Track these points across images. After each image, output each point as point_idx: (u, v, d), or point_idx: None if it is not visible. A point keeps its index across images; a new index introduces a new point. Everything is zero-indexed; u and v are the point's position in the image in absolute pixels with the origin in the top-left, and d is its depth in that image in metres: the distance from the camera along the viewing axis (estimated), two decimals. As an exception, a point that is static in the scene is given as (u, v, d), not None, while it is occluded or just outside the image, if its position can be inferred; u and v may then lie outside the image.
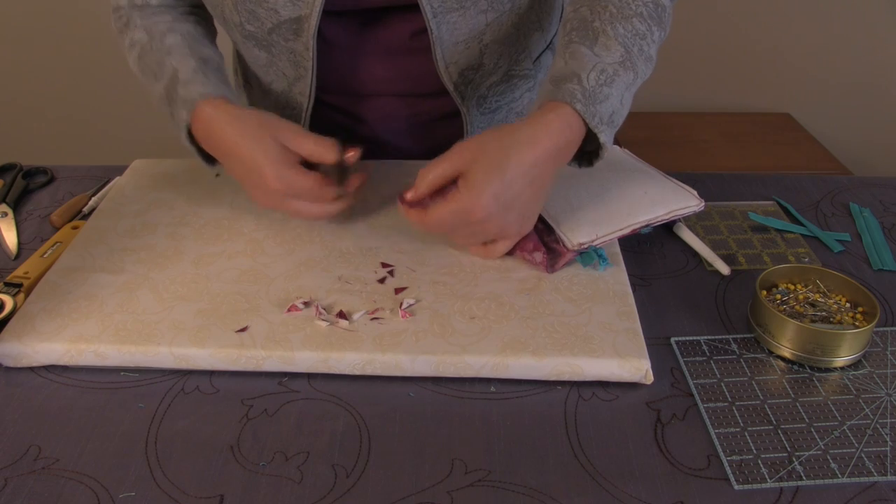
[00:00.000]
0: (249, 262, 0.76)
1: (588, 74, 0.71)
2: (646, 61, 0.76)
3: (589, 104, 0.70)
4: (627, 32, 0.74)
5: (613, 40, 0.73)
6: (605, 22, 0.74)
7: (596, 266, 0.75)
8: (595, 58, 0.72)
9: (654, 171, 0.85)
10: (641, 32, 0.75)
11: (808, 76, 2.09)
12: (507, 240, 0.74)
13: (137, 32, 0.85)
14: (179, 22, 0.86)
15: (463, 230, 0.72)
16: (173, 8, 0.88)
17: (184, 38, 0.83)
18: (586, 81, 0.70)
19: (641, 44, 0.75)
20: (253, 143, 0.74)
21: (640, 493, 0.56)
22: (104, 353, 0.66)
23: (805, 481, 0.56)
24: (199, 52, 0.82)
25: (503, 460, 0.58)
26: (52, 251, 0.79)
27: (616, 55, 0.72)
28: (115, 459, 0.59)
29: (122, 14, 0.88)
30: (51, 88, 2.18)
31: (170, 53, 0.81)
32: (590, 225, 0.76)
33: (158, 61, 0.81)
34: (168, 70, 0.80)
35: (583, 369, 0.64)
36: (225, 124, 0.75)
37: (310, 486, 0.56)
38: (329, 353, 0.65)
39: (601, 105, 0.70)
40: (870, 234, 0.84)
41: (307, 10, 0.78)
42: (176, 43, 0.82)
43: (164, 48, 0.82)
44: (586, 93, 0.70)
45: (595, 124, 0.70)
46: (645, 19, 0.75)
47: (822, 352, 0.66)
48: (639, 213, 0.78)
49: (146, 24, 0.85)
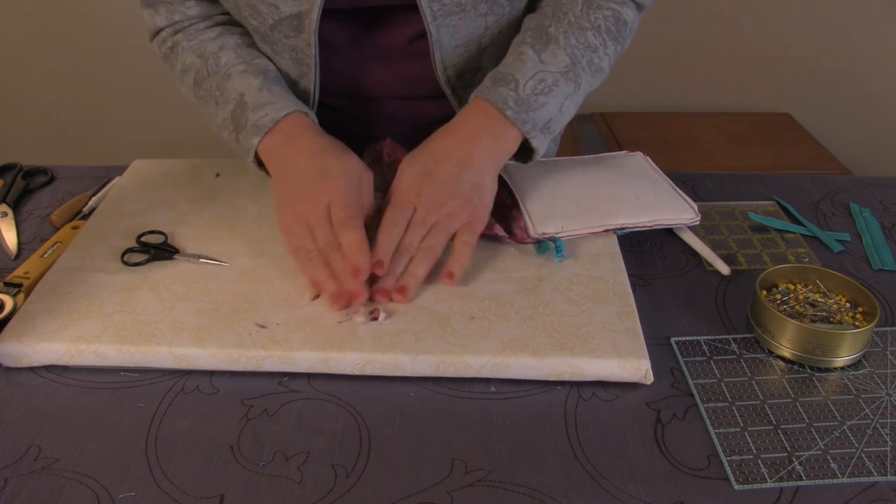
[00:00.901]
0: (249, 263, 0.76)
1: (526, 82, 0.76)
2: (594, 73, 0.80)
3: (521, 111, 0.75)
4: (579, 44, 0.78)
5: (563, 49, 0.77)
6: (559, 30, 0.78)
7: (551, 256, 0.76)
8: (539, 65, 0.77)
9: (664, 180, 0.85)
10: (594, 46, 0.79)
11: (808, 76, 2.09)
12: (467, 231, 0.74)
13: (188, 57, 0.85)
14: (226, 36, 0.86)
15: (417, 226, 0.73)
16: (210, 18, 0.87)
17: (237, 53, 0.83)
18: (522, 89, 0.76)
19: (592, 56, 0.79)
20: (341, 155, 0.76)
21: (640, 493, 0.56)
22: (104, 353, 0.66)
23: (805, 481, 0.57)
24: (256, 66, 0.83)
25: (503, 460, 0.58)
26: (52, 251, 0.79)
27: (561, 65, 0.77)
28: (115, 459, 0.59)
29: (164, 38, 0.87)
30: (51, 88, 2.18)
31: (230, 77, 0.81)
32: (561, 218, 0.78)
33: (219, 86, 0.81)
34: (232, 95, 0.80)
35: (583, 369, 0.64)
36: (315, 133, 0.78)
37: (310, 486, 0.56)
38: (329, 353, 0.65)
39: (535, 112, 0.76)
40: (870, 234, 0.84)
41: (307, 6, 0.78)
42: (231, 62, 0.82)
43: (221, 70, 0.82)
44: (519, 100, 0.75)
45: (528, 130, 0.76)
46: (600, 33, 0.79)
47: (822, 352, 0.66)
48: (619, 215, 0.79)
49: (193, 45, 0.85)
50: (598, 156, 0.91)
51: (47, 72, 2.16)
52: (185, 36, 0.86)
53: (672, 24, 2.03)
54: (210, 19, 0.87)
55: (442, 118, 0.96)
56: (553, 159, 0.90)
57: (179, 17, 0.86)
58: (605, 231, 0.79)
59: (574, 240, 0.78)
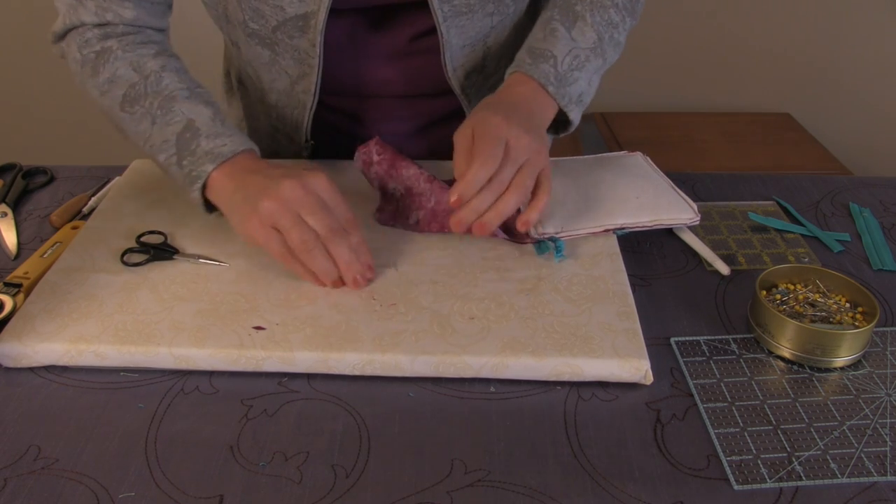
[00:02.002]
0: (249, 262, 0.76)
1: (563, 58, 0.79)
2: (615, 47, 0.85)
3: (560, 86, 0.79)
4: (603, 21, 0.82)
5: (590, 27, 0.82)
6: (585, 7, 0.82)
7: (550, 256, 0.76)
8: (571, 42, 0.80)
9: (664, 180, 0.85)
10: (615, 22, 0.84)
11: (808, 76, 2.09)
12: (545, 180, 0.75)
13: (121, 68, 0.79)
14: (164, 56, 0.81)
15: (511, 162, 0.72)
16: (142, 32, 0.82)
17: (180, 78, 0.79)
18: (560, 65, 0.79)
19: (613, 32, 0.83)
20: (300, 167, 0.73)
21: (639, 493, 0.56)
22: (104, 354, 0.66)
23: (805, 481, 0.57)
24: (200, 94, 0.79)
25: (503, 460, 0.58)
26: (52, 251, 0.79)
27: (589, 41, 0.81)
28: (114, 459, 0.59)
29: (89, 39, 0.80)
30: (51, 88, 2.18)
31: (174, 99, 0.77)
32: (561, 217, 0.79)
33: (161, 106, 0.76)
34: (178, 118, 0.75)
35: (582, 369, 0.64)
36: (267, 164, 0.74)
37: (309, 486, 0.56)
38: (329, 354, 0.65)
39: (571, 87, 0.80)
40: (870, 234, 0.84)
41: (314, 7, 0.78)
42: (175, 85, 0.78)
43: (162, 91, 0.77)
44: (559, 76, 0.79)
45: (566, 104, 0.80)
46: (620, 10, 0.84)
47: (822, 352, 0.66)
48: (619, 215, 0.79)
49: (130, 57, 0.79)
50: (598, 156, 0.91)
51: (48, 72, 2.16)
52: (121, 45, 0.80)
53: (672, 24, 2.03)
54: (142, 33, 0.82)
55: (442, 116, 0.96)
56: (553, 159, 0.90)
57: (112, 18, 0.80)
58: (605, 231, 0.79)
59: (574, 240, 0.78)
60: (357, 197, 0.85)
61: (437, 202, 0.79)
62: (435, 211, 0.79)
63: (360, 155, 0.84)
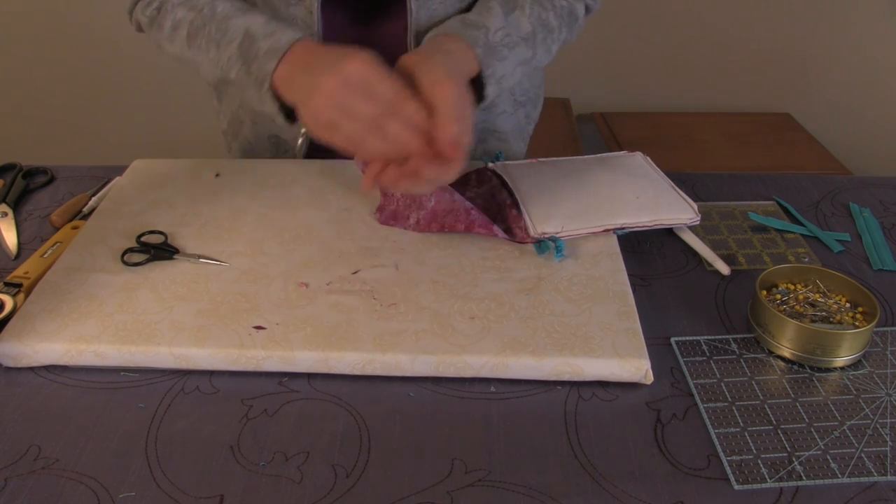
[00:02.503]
0: (249, 262, 0.76)
1: (496, 32, 0.78)
2: (545, 51, 0.85)
3: (487, 55, 0.77)
4: (540, 20, 0.83)
5: (527, 18, 0.82)
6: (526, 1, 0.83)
7: (551, 256, 0.76)
8: (506, 22, 0.80)
9: (664, 180, 0.85)
10: (551, 27, 0.84)
11: (808, 76, 2.09)
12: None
13: (179, 12, 0.83)
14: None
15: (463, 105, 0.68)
16: None
17: (232, 3, 0.81)
18: (492, 35, 0.78)
19: (547, 35, 0.83)
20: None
21: (640, 493, 0.56)
22: (104, 353, 0.66)
23: (805, 481, 0.56)
24: (254, 8, 0.81)
25: (503, 460, 0.58)
26: (52, 251, 0.79)
27: (524, 31, 0.81)
28: (114, 459, 0.59)
29: (149, 1, 0.85)
30: (51, 88, 2.18)
31: (229, 18, 0.79)
32: (561, 217, 0.79)
33: (219, 28, 0.79)
34: (236, 32, 0.77)
35: (583, 369, 0.64)
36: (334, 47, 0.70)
37: (310, 486, 0.56)
38: (329, 353, 0.65)
39: (499, 63, 0.78)
40: (870, 234, 0.84)
41: None
42: (228, 8, 0.80)
43: (218, 16, 0.80)
44: (489, 45, 0.78)
45: (489, 74, 0.78)
46: (559, 17, 0.84)
47: (822, 352, 0.66)
48: (620, 215, 0.79)
49: (183, 1, 0.83)
50: (598, 156, 0.91)
51: (47, 72, 2.16)
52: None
53: (672, 24, 2.03)
54: None
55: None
56: (553, 159, 0.90)
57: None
58: (605, 231, 0.79)
59: (574, 240, 0.78)
60: (357, 197, 0.85)
61: (437, 202, 0.79)
62: (435, 211, 0.79)
63: None
